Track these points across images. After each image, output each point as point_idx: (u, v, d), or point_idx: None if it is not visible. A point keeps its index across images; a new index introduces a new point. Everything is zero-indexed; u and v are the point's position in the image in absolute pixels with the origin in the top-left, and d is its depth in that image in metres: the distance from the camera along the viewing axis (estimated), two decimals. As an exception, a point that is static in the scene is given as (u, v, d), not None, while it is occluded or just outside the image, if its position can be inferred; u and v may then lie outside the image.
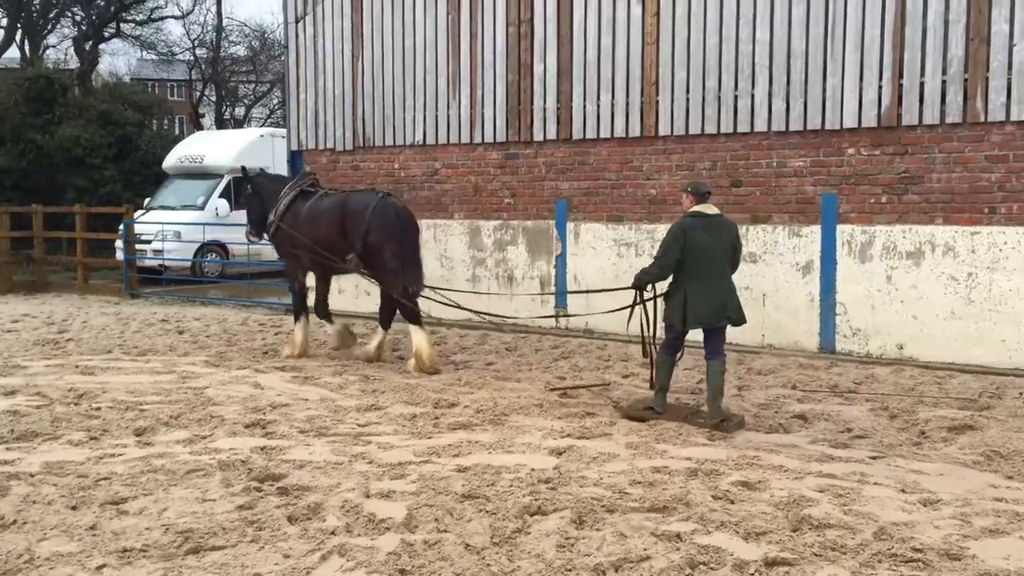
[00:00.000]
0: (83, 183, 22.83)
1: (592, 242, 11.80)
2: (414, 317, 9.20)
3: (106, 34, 32.82)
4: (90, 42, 31.84)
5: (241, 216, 18.08)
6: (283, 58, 16.48)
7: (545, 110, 12.04)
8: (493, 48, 12.41)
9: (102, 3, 31.84)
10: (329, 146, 14.25)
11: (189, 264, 18.05)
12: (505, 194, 12.51)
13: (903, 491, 5.43)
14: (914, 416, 7.30)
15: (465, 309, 9.70)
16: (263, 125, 36.12)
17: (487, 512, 5.03)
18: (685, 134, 11.02)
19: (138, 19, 34.34)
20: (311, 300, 10.23)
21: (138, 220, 17.63)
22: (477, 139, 12.69)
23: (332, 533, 4.75)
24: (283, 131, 19.11)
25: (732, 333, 7.48)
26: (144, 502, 5.22)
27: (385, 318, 9.73)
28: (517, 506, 5.10)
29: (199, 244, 17.95)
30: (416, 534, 4.74)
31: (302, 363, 9.68)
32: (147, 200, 19.94)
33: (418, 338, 9.17)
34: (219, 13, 36.39)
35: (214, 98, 37.03)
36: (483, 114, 12.57)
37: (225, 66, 36.48)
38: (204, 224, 17.57)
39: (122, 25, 33.47)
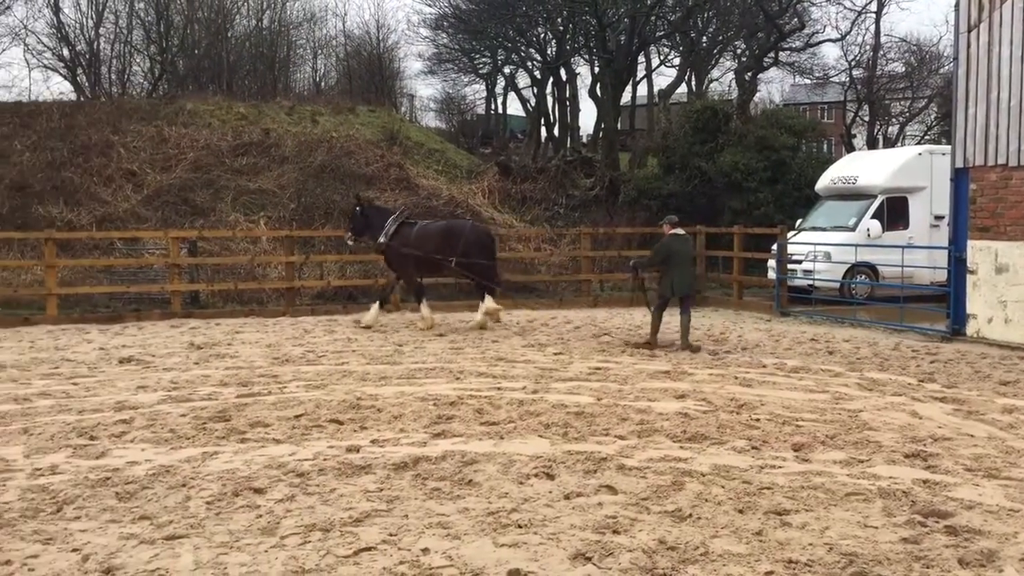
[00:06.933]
0: (739, 205, 24.27)
1: None
2: (491, 292, 14.32)
3: (765, 63, 34.58)
4: (749, 73, 33.85)
5: (894, 237, 17.66)
6: (944, 71, 15.54)
7: None
8: None
9: (762, 35, 33.61)
10: (1000, 162, 13.02)
11: (838, 285, 18.02)
12: None
13: None
14: None
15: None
16: (918, 143, 34.60)
17: None
18: None
19: (795, 46, 35.48)
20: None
21: (790, 241, 18.12)
22: None
23: (1012, 588, 4.31)
24: (944, 148, 18.07)
25: None
26: (806, 517, 5.32)
27: (482, 296, 14.44)
28: None
29: (849, 265, 17.79)
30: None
31: (965, 396, 9.00)
32: (799, 221, 20.38)
33: (488, 301, 14.26)
34: (877, 32, 35.86)
35: (866, 118, 36.53)
36: None
37: (881, 84, 35.77)
38: (855, 245, 17.35)
39: (780, 54, 34.92)
